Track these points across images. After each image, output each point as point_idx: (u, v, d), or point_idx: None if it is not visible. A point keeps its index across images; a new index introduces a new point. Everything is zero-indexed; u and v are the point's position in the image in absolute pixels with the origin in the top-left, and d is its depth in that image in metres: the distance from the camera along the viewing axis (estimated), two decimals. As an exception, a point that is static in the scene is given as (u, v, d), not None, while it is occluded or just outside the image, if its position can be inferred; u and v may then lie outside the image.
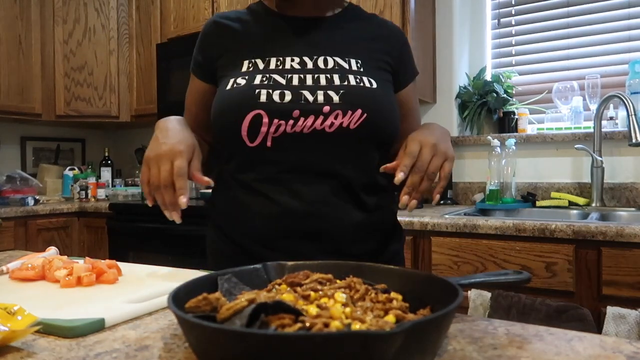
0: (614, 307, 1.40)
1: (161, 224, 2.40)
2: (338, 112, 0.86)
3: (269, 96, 0.86)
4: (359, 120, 0.86)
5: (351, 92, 0.88)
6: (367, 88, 0.89)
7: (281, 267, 0.64)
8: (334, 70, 0.90)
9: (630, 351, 0.49)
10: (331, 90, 0.87)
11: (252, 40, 0.96)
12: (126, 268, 0.87)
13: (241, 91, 0.88)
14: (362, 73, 0.91)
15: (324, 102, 0.86)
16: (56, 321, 0.56)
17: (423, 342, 0.42)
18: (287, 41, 0.94)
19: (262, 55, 0.93)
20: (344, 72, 0.90)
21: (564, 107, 2.24)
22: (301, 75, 0.89)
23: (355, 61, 0.92)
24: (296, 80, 0.88)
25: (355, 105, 0.86)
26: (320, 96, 0.86)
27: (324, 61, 0.91)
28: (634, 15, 2.18)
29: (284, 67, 0.90)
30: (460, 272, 1.66)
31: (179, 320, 0.45)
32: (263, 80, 0.89)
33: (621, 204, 2.05)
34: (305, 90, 0.87)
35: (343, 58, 0.92)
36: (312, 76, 0.89)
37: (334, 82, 0.88)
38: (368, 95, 0.89)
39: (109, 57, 3.13)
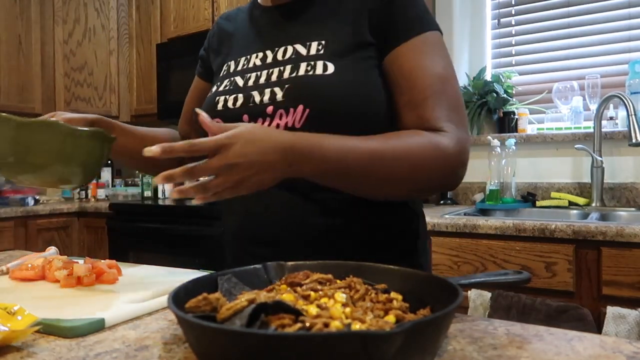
0: (614, 307, 1.40)
1: (161, 224, 2.41)
2: (281, 111, 0.78)
3: (225, 103, 0.84)
4: (302, 117, 0.76)
5: (296, 85, 0.78)
6: (316, 77, 0.77)
7: (281, 267, 0.64)
8: (290, 60, 0.81)
9: (630, 351, 0.49)
10: (277, 86, 0.79)
11: (236, 40, 0.95)
12: (126, 268, 0.87)
13: (208, 100, 0.89)
14: (320, 57, 0.79)
15: (268, 102, 0.79)
16: (56, 321, 0.56)
17: (423, 342, 0.42)
18: (259, 36, 0.90)
19: (238, 55, 0.90)
20: (298, 61, 0.80)
21: (564, 107, 2.24)
22: (258, 72, 0.84)
23: (317, 44, 0.81)
24: (252, 80, 0.84)
25: (297, 101, 0.77)
26: (266, 95, 0.80)
27: (283, 51, 0.83)
28: (634, 15, 2.18)
29: (248, 66, 0.87)
30: (460, 272, 1.66)
31: (179, 320, 0.45)
32: (226, 85, 0.87)
33: (621, 204, 2.05)
34: (255, 90, 0.82)
35: (304, 43, 0.82)
36: (267, 72, 0.83)
37: (283, 75, 0.80)
38: (314, 85, 0.76)
39: (109, 57, 3.13)
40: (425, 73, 0.76)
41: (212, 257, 2.22)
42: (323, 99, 0.76)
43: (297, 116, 0.76)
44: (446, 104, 0.76)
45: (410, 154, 0.71)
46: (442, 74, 0.77)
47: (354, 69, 0.78)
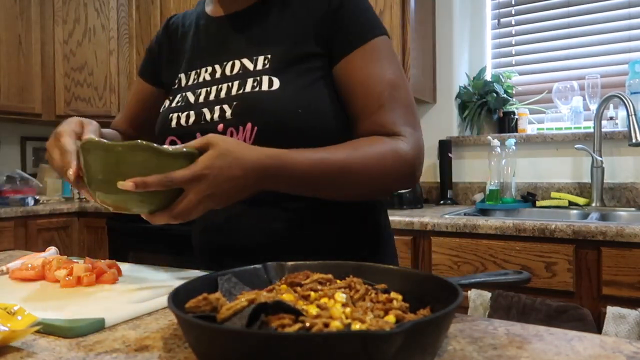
0: (614, 307, 1.40)
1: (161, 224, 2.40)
2: (231, 129, 0.78)
3: (178, 120, 0.84)
4: (251, 135, 0.77)
5: (243, 102, 0.78)
6: (262, 93, 0.77)
7: (281, 267, 0.64)
8: (237, 75, 0.81)
9: (630, 351, 0.49)
10: (226, 104, 0.80)
11: (187, 51, 0.92)
12: (126, 268, 0.87)
13: (160, 117, 0.88)
14: (265, 72, 0.79)
15: (218, 120, 0.80)
16: (56, 321, 0.56)
17: (423, 342, 0.42)
18: (207, 49, 0.88)
19: (189, 68, 0.89)
20: (245, 77, 0.80)
21: (564, 107, 2.24)
22: (208, 88, 0.83)
23: (263, 58, 0.80)
24: (202, 96, 0.83)
25: (245, 118, 0.77)
26: (216, 112, 0.80)
27: (231, 67, 0.83)
28: (634, 15, 2.18)
29: (198, 81, 0.86)
30: (460, 272, 1.66)
31: (179, 320, 0.45)
32: (178, 101, 0.86)
33: (621, 204, 2.05)
34: (206, 107, 0.82)
35: (250, 57, 0.81)
36: (217, 87, 0.82)
37: (231, 92, 0.80)
38: (260, 102, 0.77)
39: (109, 57, 3.13)
40: (376, 81, 0.78)
41: (212, 257, 2.22)
42: (270, 115, 0.76)
43: (246, 134, 0.77)
44: (400, 109, 0.78)
45: (374, 162, 0.73)
46: (393, 80, 0.79)
47: (299, 83, 0.78)
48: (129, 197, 0.64)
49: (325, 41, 0.80)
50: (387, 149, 0.74)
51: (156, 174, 0.62)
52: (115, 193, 0.64)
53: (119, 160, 0.63)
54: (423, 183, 2.44)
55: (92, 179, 0.65)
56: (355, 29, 0.79)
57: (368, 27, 0.80)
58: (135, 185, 0.61)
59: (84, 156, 0.66)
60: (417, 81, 2.27)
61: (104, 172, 0.64)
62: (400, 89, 0.79)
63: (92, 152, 0.64)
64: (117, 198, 0.65)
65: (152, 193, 0.64)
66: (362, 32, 0.79)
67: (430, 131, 2.49)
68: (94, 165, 0.64)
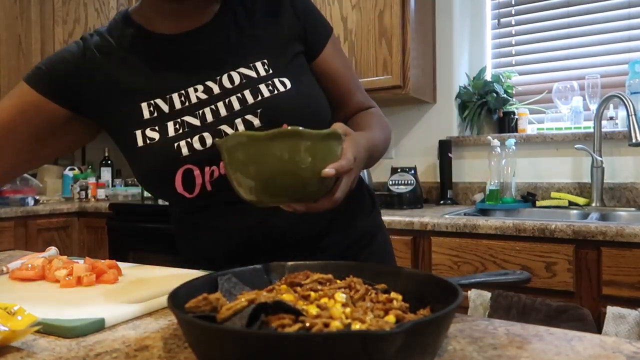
0: (614, 307, 1.40)
1: (161, 224, 2.41)
2: None
3: (190, 146, 0.78)
4: None
5: (268, 107, 0.79)
6: (282, 94, 0.80)
7: (281, 267, 0.64)
8: (243, 85, 0.80)
9: (630, 351, 0.49)
10: (249, 114, 0.79)
11: (140, 72, 0.83)
12: (126, 268, 0.87)
13: (159, 150, 0.79)
14: (272, 76, 0.81)
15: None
16: (56, 321, 0.56)
17: (423, 342, 0.42)
18: (182, 67, 0.82)
19: (160, 92, 0.81)
20: (254, 84, 0.80)
21: (564, 107, 2.24)
22: (212, 106, 0.80)
23: (261, 63, 0.82)
24: (210, 115, 0.79)
25: (279, 121, 0.77)
26: (240, 125, 0.78)
27: (229, 79, 0.81)
28: (634, 15, 2.18)
29: (191, 102, 0.80)
30: (460, 272, 1.66)
31: (179, 320, 0.45)
32: (177, 128, 0.79)
33: (621, 204, 2.05)
34: (223, 124, 0.79)
35: (247, 66, 0.82)
36: (224, 102, 0.80)
37: (247, 101, 0.79)
38: (286, 103, 0.80)
39: (109, 57, 3.13)
40: (347, 68, 0.94)
41: (212, 257, 2.22)
42: (298, 113, 0.81)
43: None
44: (361, 86, 0.97)
45: (388, 128, 0.93)
46: (350, 65, 0.98)
47: (301, 79, 0.85)
48: (293, 189, 0.62)
49: (301, 39, 0.88)
50: (385, 120, 0.94)
51: (315, 158, 0.61)
52: (276, 186, 0.62)
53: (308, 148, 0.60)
54: (423, 183, 2.44)
55: (258, 173, 0.61)
56: (321, 26, 0.91)
57: (325, 21, 0.93)
58: (336, 172, 0.62)
59: (238, 152, 0.61)
60: (417, 81, 2.27)
61: (265, 165, 0.60)
62: (354, 71, 1.00)
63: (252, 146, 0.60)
64: (278, 191, 0.62)
65: (313, 182, 0.63)
66: (326, 27, 0.92)
67: (430, 131, 2.49)
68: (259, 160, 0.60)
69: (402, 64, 2.18)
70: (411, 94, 2.22)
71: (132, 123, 0.82)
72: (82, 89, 0.85)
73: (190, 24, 0.84)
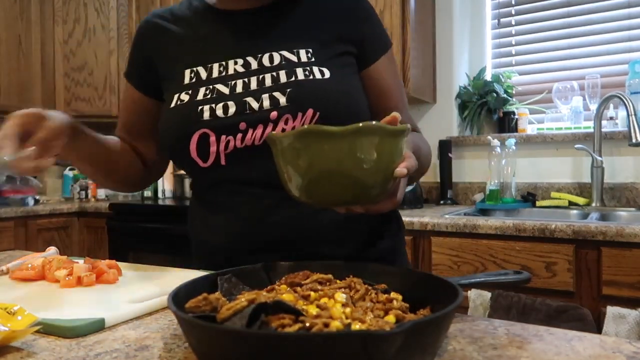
0: (614, 307, 1.40)
1: (161, 224, 2.41)
2: (287, 116, 0.78)
3: (212, 112, 0.80)
4: (311, 121, 0.78)
5: (299, 89, 0.79)
6: (317, 81, 0.80)
7: (281, 267, 0.64)
8: (281, 66, 0.81)
9: (630, 351, 0.49)
10: (277, 91, 0.79)
11: (191, 44, 0.89)
12: (126, 268, 0.87)
13: (184, 110, 0.82)
14: (312, 63, 0.82)
15: (270, 107, 0.78)
16: (56, 321, 0.56)
17: (423, 342, 0.42)
18: (230, 41, 0.86)
19: (204, 61, 0.85)
20: (291, 67, 0.81)
21: (564, 107, 2.24)
22: (245, 79, 0.82)
23: (305, 51, 0.83)
24: (240, 87, 0.81)
25: (305, 105, 0.78)
26: (265, 101, 0.79)
27: (269, 58, 0.83)
28: (634, 15, 2.18)
29: (227, 73, 0.83)
30: (460, 272, 1.66)
31: (179, 320, 0.45)
32: (206, 93, 0.82)
33: (621, 204, 2.05)
34: (250, 96, 0.80)
35: (291, 50, 0.83)
36: (257, 78, 0.81)
37: (280, 80, 0.80)
38: (318, 89, 0.80)
39: (109, 57, 3.13)
40: (398, 86, 0.93)
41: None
42: (329, 101, 0.79)
43: (306, 120, 0.78)
44: (408, 111, 0.95)
45: (429, 149, 0.92)
46: (402, 85, 0.96)
47: (346, 76, 0.85)
48: (355, 190, 0.57)
49: (355, 43, 0.87)
50: (428, 143, 0.93)
51: (384, 157, 0.56)
52: (332, 185, 0.57)
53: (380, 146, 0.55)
54: (423, 183, 2.44)
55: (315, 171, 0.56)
56: (380, 38, 0.91)
57: (386, 36, 0.92)
58: (408, 171, 0.58)
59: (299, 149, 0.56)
60: (417, 81, 2.27)
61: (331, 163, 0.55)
62: (405, 92, 0.96)
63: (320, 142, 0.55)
64: (335, 190, 0.57)
65: (378, 182, 0.58)
66: (385, 41, 0.91)
67: (430, 131, 2.48)
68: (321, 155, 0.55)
69: (402, 64, 2.18)
70: (411, 94, 2.22)
71: (174, 88, 0.86)
72: (152, 67, 0.92)
73: (252, 3, 0.87)
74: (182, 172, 2.83)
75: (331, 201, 0.60)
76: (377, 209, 0.63)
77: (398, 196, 0.62)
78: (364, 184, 0.57)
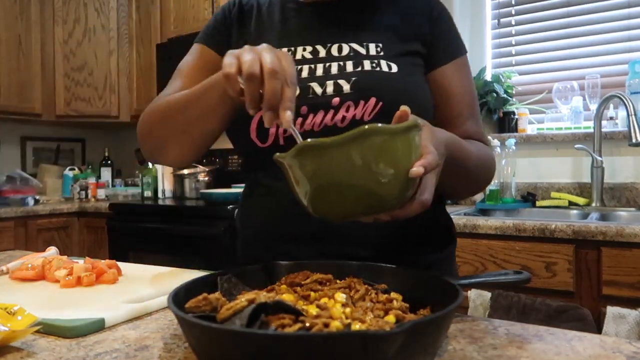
0: (614, 307, 1.40)
1: (161, 224, 2.40)
2: (349, 103, 0.78)
3: None
4: (373, 110, 0.77)
5: (364, 78, 0.79)
6: (383, 72, 0.80)
7: (281, 267, 0.64)
8: (349, 57, 0.82)
9: (630, 351, 0.49)
10: (342, 79, 0.79)
11: (265, 29, 0.90)
12: (126, 268, 0.87)
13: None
14: (381, 57, 0.82)
15: (333, 94, 0.79)
16: (56, 321, 0.56)
17: (423, 342, 0.42)
18: (301, 29, 0.88)
19: (276, 45, 0.84)
20: (359, 58, 0.82)
21: (564, 107, 2.24)
22: (312, 65, 0.82)
23: (374, 45, 0.84)
24: (305, 72, 0.82)
25: (368, 93, 0.77)
26: (329, 87, 0.79)
27: (338, 48, 0.84)
28: (634, 15, 2.18)
29: (295, 58, 0.83)
30: (461, 272, 1.66)
31: (179, 320, 0.45)
32: None
33: (621, 204, 2.05)
34: (314, 82, 0.80)
35: (360, 43, 0.84)
36: (324, 65, 0.82)
37: (346, 69, 0.81)
38: (384, 79, 0.79)
39: (109, 57, 3.13)
40: (469, 93, 0.89)
41: (212, 257, 2.22)
42: (394, 93, 0.78)
43: (367, 109, 0.77)
44: (479, 119, 0.91)
45: (489, 161, 0.87)
46: (475, 94, 0.91)
47: (414, 74, 0.84)
48: (364, 198, 0.53)
49: (425, 43, 0.86)
50: (490, 153, 0.89)
51: (396, 158, 0.52)
52: (342, 198, 0.53)
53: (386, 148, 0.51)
54: (423, 183, 2.44)
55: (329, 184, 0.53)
56: (452, 42, 0.89)
57: (461, 42, 0.91)
58: (425, 169, 0.54)
59: (309, 162, 0.53)
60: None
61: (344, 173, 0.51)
62: (478, 102, 0.92)
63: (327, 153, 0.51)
64: (346, 203, 0.54)
65: (394, 186, 0.53)
66: (458, 46, 0.90)
67: (430, 131, 2.48)
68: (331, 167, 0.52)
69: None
70: (411, 94, 2.22)
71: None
72: (230, 35, 0.92)
73: None
74: (182, 172, 2.83)
75: (346, 214, 0.56)
76: (404, 214, 0.58)
77: (426, 196, 0.58)
78: (375, 192, 0.52)
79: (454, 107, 0.87)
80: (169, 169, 2.96)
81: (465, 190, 0.90)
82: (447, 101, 0.87)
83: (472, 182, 0.86)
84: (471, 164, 0.78)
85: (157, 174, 2.94)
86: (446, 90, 0.87)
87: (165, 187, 2.95)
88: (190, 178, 2.81)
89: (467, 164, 0.77)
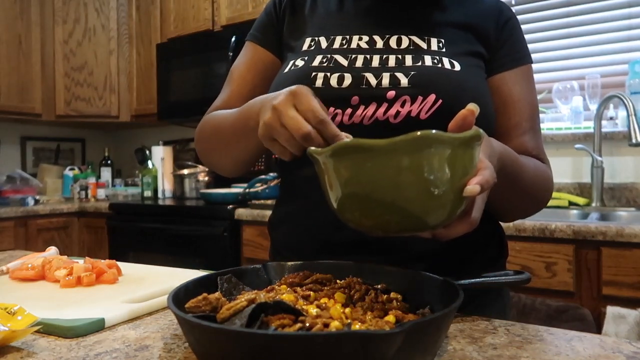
0: (614, 307, 1.40)
1: (161, 224, 2.41)
2: (405, 98, 0.72)
3: (326, 80, 0.75)
4: (432, 107, 0.71)
5: (424, 73, 0.73)
6: (445, 69, 0.74)
7: (281, 267, 0.64)
8: (408, 50, 0.77)
9: (630, 351, 0.49)
10: (400, 72, 0.74)
11: (320, 17, 0.85)
12: (126, 268, 0.87)
13: (296, 74, 0.77)
14: (442, 54, 0.76)
15: (389, 86, 0.73)
16: (56, 321, 0.56)
17: (423, 342, 0.42)
18: (358, 17, 0.83)
19: (328, 32, 0.82)
20: (419, 52, 0.76)
21: (564, 107, 2.24)
22: (367, 55, 0.77)
23: (437, 40, 0.78)
24: (360, 61, 0.76)
25: (428, 89, 0.71)
26: (385, 79, 0.73)
27: (397, 40, 0.78)
28: (634, 15, 2.18)
29: (349, 47, 0.79)
30: (460, 272, 1.66)
31: (179, 320, 0.45)
32: (323, 61, 0.77)
33: (621, 204, 2.05)
34: (369, 72, 0.75)
35: (422, 37, 0.78)
36: (380, 57, 0.76)
37: (404, 62, 0.75)
38: (446, 76, 0.73)
39: (109, 57, 3.13)
40: (530, 103, 0.82)
41: (212, 257, 2.22)
42: (455, 91, 0.72)
43: (425, 106, 0.71)
44: (540, 135, 0.84)
45: (546, 180, 0.81)
46: (537, 107, 0.85)
47: (477, 75, 0.79)
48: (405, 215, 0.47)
49: (488, 47, 0.82)
50: (548, 172, 0.82)
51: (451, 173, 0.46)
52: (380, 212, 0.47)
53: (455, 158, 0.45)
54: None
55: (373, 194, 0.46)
56: (518, 49, 0.84)
57: (526, 51, 0.86)
58: (482, 188, 0.48)
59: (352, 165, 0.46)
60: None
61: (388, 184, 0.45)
62: (539, 116, 0.86)
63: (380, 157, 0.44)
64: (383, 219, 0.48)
65: (444, 204, 0.47)
66: (523, 54, 0.84)
67: (430, 131, 2.48)
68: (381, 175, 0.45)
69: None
70: (411, 94, 2.22)
71: (292, 55, 0.83)
72: (282, 29, 0.89)
73: None
74: (182, 172, 2.83)
75: (380, 228, 0.50)
76: (447, 234, 0.54)
77: (474, 215, 0.53)
78: (421, 209, 0.46)
79: (513, 116, 0.80)
80: (168, 169, 2.96)
81: (516, 210, 0.81)
82: (505, 109, 0.81)
83: (525, 202, 0.79)
84: (525, 182, 0.73)
85: (157, 173, 2.94)
86: (505, 97, 0.81)
87: (165, 187, 2.95)
88: (190, 178, 2.81)
89: (520, 181, 0.71)
